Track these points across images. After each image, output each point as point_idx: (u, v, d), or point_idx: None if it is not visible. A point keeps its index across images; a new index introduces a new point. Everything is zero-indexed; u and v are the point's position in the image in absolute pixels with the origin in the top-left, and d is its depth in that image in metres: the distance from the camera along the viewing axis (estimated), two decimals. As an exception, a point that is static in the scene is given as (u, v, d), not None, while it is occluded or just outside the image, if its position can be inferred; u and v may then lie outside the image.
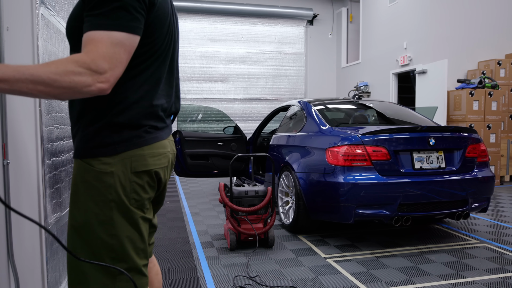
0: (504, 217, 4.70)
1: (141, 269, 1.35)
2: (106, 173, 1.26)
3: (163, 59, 1.38)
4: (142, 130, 1.31)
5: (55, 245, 2.45)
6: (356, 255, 3.41)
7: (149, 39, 1.30)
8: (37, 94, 1.05)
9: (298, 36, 11.66)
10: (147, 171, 1.31)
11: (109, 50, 1.11)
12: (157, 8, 1.28)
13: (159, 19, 1.31)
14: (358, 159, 3.41)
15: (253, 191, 3.62)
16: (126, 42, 1.16)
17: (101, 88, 1.09)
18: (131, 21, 1.17)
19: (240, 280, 2.88)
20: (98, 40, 1.12)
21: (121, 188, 1.27)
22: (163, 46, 1.36)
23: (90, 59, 1.08)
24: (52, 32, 2.52)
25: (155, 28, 1.30)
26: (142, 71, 1.32)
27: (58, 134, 2.60)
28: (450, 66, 7.52)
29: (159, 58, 1.36)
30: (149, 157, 1.32)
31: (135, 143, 1.29)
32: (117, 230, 1.28)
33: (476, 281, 2.84)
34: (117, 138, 1.27)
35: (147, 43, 1.30)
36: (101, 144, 1.26)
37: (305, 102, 4.57)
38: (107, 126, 1.26)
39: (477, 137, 3.80)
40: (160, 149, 1.37)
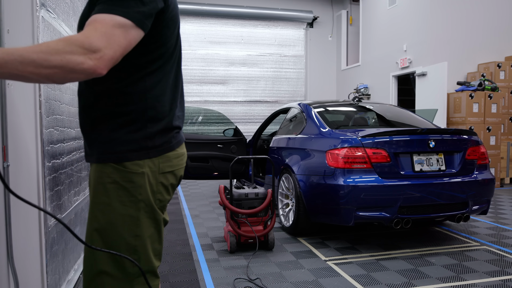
0: (504, 220, 4.70)
1: (156, 271, 1.37)
2: (137, 173, 1.26)
3: (175, 62, 1.39)
4: (171, 135, 1.35)
5: (55, 247, 2.44)
6: (356, 257, 3.41)
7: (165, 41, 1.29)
8: (30, 77, 0.98)
9: (298, 38, 11.68)
10: (172, 171, 1.34)
11: (108, 30, 1.05)
12: (171, 9, 1.27)
13: (172, 20, 1.30)
14: (358, 161, 3.41)
15: (253, 194, 3.62)
16: (129, 29, 1.10)
17: (93, 67, 1.01)
18: (141, 14, 1.14)
19: (240, 282, 2.87)
20: (99, 21, 1.07)
21: (150, 188, 1.28)
22: (176, 49, 1.37)
23: (84, 36, 1.02)
24: (52, 34, 2.52)
25: (168, 30, 1.29)
26: (166, 74, 1.32)
27: (58, 136, 2.60)
28: (450, 68, 7.52)
29: (174, 61, 1.37)
30: (174, 158, 1.35)
31: (166, 148, 1.32)
32: (142, 231, 1.29)
33: (477, 284, 2.83)
34: (151, 144, 1.29)
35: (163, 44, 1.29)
36: (134, 149, 1.26)
37: (305, 105, 4.58)
38: (140, 131, 1.26)
39: (477, 140, 3.80)
40: (181, 149, 1.40)
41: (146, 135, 1.27)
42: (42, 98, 2.24)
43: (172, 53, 1.34)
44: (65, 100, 2.82)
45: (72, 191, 2.93)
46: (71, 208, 2.89)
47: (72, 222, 2.92)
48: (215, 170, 5.33)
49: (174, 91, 1.37)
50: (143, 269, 1.29)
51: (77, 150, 3.15)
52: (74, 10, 3.25)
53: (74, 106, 3.10)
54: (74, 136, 3.05)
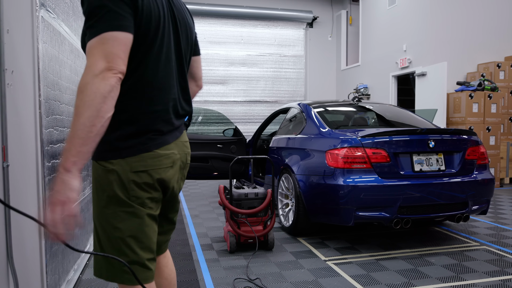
0: (504, 220, 4.70)
1: (145, 263, 1.40)
2: (108, 170, 1.35)
3: (160, 63, 1.41)
4: (146, 137, 1.39)
5: (54, 247, 2.44)
6: (356, 257, 3.41)
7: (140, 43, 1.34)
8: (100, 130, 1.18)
9: (298, 38, 11.68)
10: (146, 170, 1.38)
11: (101, 49, 1.19)
12: (141, 11, 1.31)
13: (145, 22, 1.33)
14: (358, 161, 3.41)
15: (253, 194, 3.62)
16: (117, 37, 1.22)
17: (108, 81, 1.17)
18: (118, 21, 1.23)
19: (240, 282, 2.87)
20: (92, 47, 1.21)
21: (120, 185, 1.35)
22: (155, 50, 1.39)
23: (89, 68, 1.18)
24: (52, 34, 2.52)
25: (142, 32, 1.34)
26: (140, 76, 1.37)
27: (58, 136, 2.60)
28: (449, 68, 7.53)
29: (155, 62, 1.40)
30: (149, 159, 1.39)
31: (140, 149, 1.37)
32: (120, 224, 1.36)
33: (476, 284, 2.84)
34: (123, 145, 1.36)
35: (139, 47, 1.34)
36: (109, 149, 1.35)
37: (304, 105, 4.58)
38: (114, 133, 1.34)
39: (476, 140, 3.80)
40: (164, 151, 1.43)
41: (119, 137, 1.35)
42: (41, 98, 2.24)
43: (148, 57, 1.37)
44: (65, 100, 2.81)
45: (71, 191, 2.92)
46: (71, 208, 2.88)
47: (72, 222, 2.91)
48: (214, 170, 5.33)
49: (155, 95, 1.40)
50: (125, 260, 1.35)
51: (76, 150, 3.14)
52: (74, 10, 3.25)
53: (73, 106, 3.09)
54: (73, 136, 3.04)
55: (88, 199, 3.54)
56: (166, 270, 1.73)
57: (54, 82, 2.52)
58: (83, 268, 3.12)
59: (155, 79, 1.40)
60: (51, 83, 2.45)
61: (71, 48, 3.06)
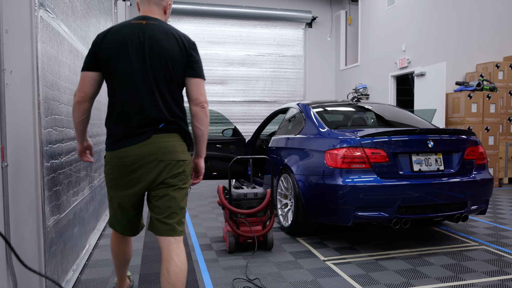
0: (502, 219, 4.70)
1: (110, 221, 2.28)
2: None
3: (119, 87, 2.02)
4: (110, 140, 2.06)
5: (53, 248, 2.44)
6: (355, 257, 3.41)
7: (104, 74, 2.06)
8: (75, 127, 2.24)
9: (297, 38, 11.68)
10: (109, 163, 2.06)
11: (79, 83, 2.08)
12: (98, 54, 2.02)
13: (103, 61, 2.02)
14: (357, 161, 3.41)
15: (252, 194, 3.62)
16: (82, 76, 2.06)
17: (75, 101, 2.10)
18: (84, 63, 2.06)
19: (239, 282, 2.87)
20: None
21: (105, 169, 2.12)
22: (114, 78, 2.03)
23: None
24: (51, 34, 2.52)
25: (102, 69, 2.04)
26: (109, 100, 2.08)
27: (57, 136, 2.60)
28: (448, 68, 7.53)
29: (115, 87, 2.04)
30: (111, 156, 2.05)
31: (107, 148, 2.08)
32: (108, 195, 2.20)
33: (475, 284, 2.84)
34: (106, 143, 2.10)
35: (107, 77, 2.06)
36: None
37: (304, 105, 4.58)
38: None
39: (475, 140, 3.81)
40: (117, 153, 2.02)
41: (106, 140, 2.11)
42: (40, 98, 2.24)
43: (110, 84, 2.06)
44: (64, 100, 2.81)
45: (71, 191, 2.93)
46: (70, 208, 2.88)
47: (71, 222, 2.91)
48: (214, 170, 5.33)
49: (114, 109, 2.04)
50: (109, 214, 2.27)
51: (75, 150, 3.14)
52: (73, 10, 3.25)
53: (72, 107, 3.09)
54: (72, 136, 3.04)
55: (87, 199, 3.53)
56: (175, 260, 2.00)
57: (53, 82, 2.52)
58: (82, 268, 3.12)
59: (116, 99, 2.03)
60: (50, 83, 2.45)
61: (70, 48, 3.06)
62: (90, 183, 3.71)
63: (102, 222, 4.43)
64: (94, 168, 3.97)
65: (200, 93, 2.15)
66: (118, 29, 2.04)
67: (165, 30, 2.07)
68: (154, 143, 1.98)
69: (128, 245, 2.35)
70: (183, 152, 2.08)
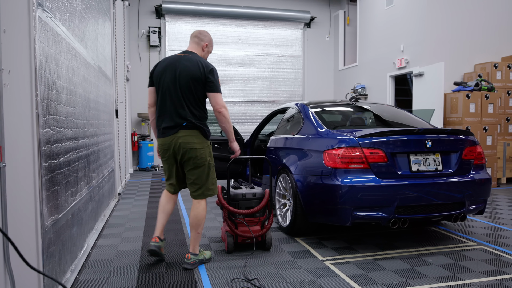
0: (500, 219, 4.71)
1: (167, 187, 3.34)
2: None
3: (160, 97, 3.17)
4: (159, 130, 3.19)
5: (51, 248, 2.44)
6: (353, 257, 3.41)
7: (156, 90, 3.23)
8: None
9: (296, 38, 11.69)
10: (160, 145, 3.19)
11: None
12: (152, 75, 3.24)
13: (155, 80, 3.22)
14: (356, 161, 3.41)
15: (251, 194, 3.62)
16: (148, 90, 3.28)
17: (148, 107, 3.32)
18: (149, 82, 3.28)
19: (237, 282, 2.87)
20: None
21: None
22: (158, 92, 3.19)
23: None
24: (49, 34, 2.51)
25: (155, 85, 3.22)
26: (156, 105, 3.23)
27: (55, 136, 2.59)
28: (446, 68, 7.55)
29: (159, 99, 3.18)
30: (160, 143, 3.18)
31: (157, 136, 3.24)
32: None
33: (473, 283, 2.84)
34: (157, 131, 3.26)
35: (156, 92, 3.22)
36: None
37: (302, 105, 4.58)
38: None
39: (473, 140, 3.82)
40: (161, 141, 3.17)
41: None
42: (38, 98, 2.23)
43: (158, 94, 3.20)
44: (62, 100, 2.81)
45: (69, 192, 2.92)
46: (68, 209, 2.88)
47: (69, 222, 2.91)
48: (212, 170, 5.32)
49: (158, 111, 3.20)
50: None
51: (73, 150, 3.14)
52: (71, 10, 3.24)
53: (70, 106, 3.09)
54: (71, 136, 3.04)
55: (85, 199, 3.53)
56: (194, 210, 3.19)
57: (51, 82, 2.52)
58: (80, 268, 3.11)
59: (159, 105, 3.18)
60: (48, 83, 2.44)
61: (68, 48, 3.05)
62: (88, 183, 3.70)
63: (101, 222, 4.43)
64: (92, 168, 3.97)
65: (216, 103, 3.13)
66: (165, 59, 3.22)
67: (192, 60, 3.14)
68: (180, 136, 3.07)
69: (172, 202, 3.32)
70: (199, 143, 3.10)
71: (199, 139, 3.10)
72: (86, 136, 3.69)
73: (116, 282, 2.89)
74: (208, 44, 3.37)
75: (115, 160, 6.06)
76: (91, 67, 4.07)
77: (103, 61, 5.06)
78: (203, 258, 3.25)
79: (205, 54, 3.35)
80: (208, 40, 3.38)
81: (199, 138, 3.09)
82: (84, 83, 3.66)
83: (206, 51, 3.36)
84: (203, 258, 3.24)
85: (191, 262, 3.14)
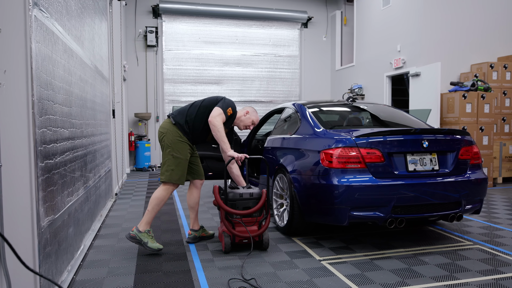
0: (497, 219, 4.73)
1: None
2: None
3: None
4: None
5: (48, 248, 2.43)
6: (350, 257, 3.42)
7: None
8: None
9: (293, 38, 11.69)
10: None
11: None
12: None
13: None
14: (352, 161, 3.42)
15: (248, 194, 3.62)
16: None
17: None
18: None
19: (234, 282, 2.87)
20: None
21: None
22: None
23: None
24: (45, 34, 2.51)
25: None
26: None
27: (52, 136, 2.58)
28: (443, 69, 7.57)
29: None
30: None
31: None
32: None
33: (470, 283, 2.86)
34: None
35: None
36: None
37: (299, 105, 4.58)
38: None
39: (470, 139, 3.83)
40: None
41: None
42: (35, 98, 2.23)
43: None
44: (58, 100, 2.80)
45: (65, 192, 2.91)
46: (65, 209, 2.87)
47: (66, 223, 2.90)
48: (209, 170, 5.32)
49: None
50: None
51: (70, 150, 3.13)
52: (67, 9, 3.23)
53: (67, 106, 3.08)
54: (67, 136, 3.03)
55: (82, 199, 3.51)
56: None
57: (47, 82, 2.51)
58: (77, 269, 3.10)
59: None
60: (44, 83, 2.43)
61: (64, 47, 3.04)
62: (85, 184, 3.69)
63: (97, 222, 4.42)
64: (89, 168, 3.96)
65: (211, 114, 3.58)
66: None
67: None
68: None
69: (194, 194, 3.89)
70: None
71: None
72: (83, 136, 3.68)
73: (112, 282, 2.88)
74: (249, 113, 3.90)
75: (112, 160, 6.04)
76: (87, 67, 4.06)
77: (100, 61, 5.04)
78: (145, 241, 3.43)
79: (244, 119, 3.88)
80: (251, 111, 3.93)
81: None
82: (80, 83, 3.64)
83: (246, 117, 3.88)
84: (144, 241, 3.43)
85: (131, 234, 3.44)
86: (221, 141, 3.53)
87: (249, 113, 3.87)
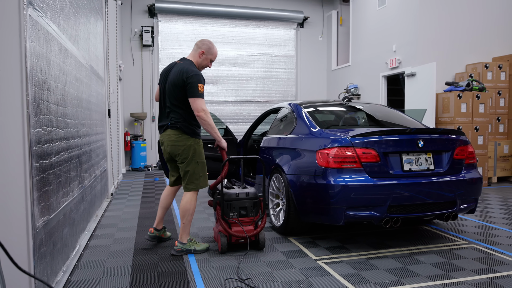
0: (491, 218, 4.76)
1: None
2: None
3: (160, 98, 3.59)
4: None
5: (43, 249, 2.41)
6: (346, 256, 3.43)
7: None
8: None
9: (289, 38, 11.70)
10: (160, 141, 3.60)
11: None
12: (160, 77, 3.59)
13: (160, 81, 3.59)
14: (348, 161, 3.43)
15: (244, 194, 3.62)
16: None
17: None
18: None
19: (231, 282, 2.87)
20: None
21: None
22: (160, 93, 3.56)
23: None
24: (40, 33, 2.49)
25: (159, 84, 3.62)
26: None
27: (46, 136, 2.57)
28: (438, 69, 7.60)
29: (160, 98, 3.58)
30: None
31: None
32: None
33: (464, 282, 2.87)
34: None
35: None
36: None
37: (295, 105, 4.59)
38: None
39: (465, 139, 3.85)
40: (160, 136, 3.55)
41: None
42: (29, 98, 2.21)
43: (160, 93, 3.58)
44: (53, 100, 2.78)
45: (60, 192, 2.90)
46: (60, 209, 2.85)
47: (61, 223, 2.89)
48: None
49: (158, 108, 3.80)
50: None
51: (65, 150, 3.11)
52: (62, 9, 3.22)
53: (62, 106, 3.06)
54: (62, 136, 3.01)
55: (77, 199, 3.50)
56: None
57: (42, 81, 2.49)
58: (72, 269, 3.09)
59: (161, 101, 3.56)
60: (39, 82, 2.42)
61: (59, 47, 3.03)
62: (80, 184, 3.68)
63: (93, 222, 4.40)
64: (84, 169, 3.94)
65: (194, 108, 3.32)
66: (169, 64, 3.55)
67: (181, 66, 3.39)
68: (167, 134, 3.45)
69: (171, 196, 3.75)
70: (180, 140, 3.39)
71: (181, 137, 3.39)
72: (78, 136, 3.67)
73: (108, 283, 2.87)
74: (206, 51, 3.50)
75: (107, 160, 6.02)
76: (83, 66, 4.04)
77: (95, 61, 5.02)
78: (193, 248, 3.47)
79: (202, 61, 3.52)
80: (206, 48, 3.49)
81: (181, 137, 3.39)
82: (75, 83, 3.63)
83: (203, 58, 3.51)
84: (191, 249, 3.47)
85: (177, 249, 3.46)
86: (214, 132, 3.43)
87: (204, 53, 3.49)
